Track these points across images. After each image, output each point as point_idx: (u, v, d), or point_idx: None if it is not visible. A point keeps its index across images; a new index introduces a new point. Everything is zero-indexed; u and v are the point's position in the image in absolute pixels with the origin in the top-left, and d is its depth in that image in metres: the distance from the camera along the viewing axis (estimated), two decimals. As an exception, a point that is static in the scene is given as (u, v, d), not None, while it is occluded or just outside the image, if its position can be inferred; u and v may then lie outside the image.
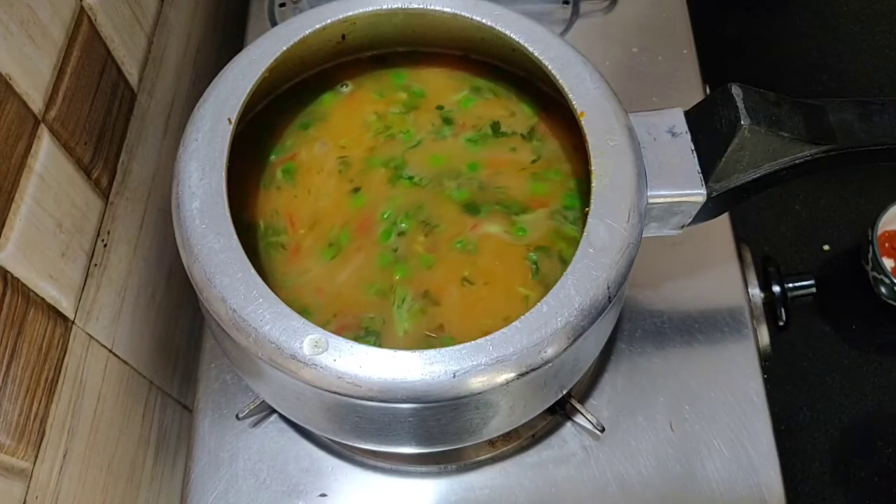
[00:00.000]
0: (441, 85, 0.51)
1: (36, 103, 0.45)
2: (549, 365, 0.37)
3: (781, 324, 0.61)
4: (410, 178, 0.47)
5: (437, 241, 0.45)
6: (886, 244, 1.05)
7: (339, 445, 0.53)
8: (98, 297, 0.51)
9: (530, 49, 0.45)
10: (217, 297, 0.38)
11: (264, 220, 0.46)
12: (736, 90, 0.42)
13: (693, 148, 0.44)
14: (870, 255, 1.04)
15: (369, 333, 0.42)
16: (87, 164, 0.50)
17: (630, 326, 0.57)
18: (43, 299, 0.44)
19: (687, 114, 0.45)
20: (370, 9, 0.46)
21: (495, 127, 0.49)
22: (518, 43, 0.45)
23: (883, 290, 1.05)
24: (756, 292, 0.59)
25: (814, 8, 1.35)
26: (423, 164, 0.48)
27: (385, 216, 0.45)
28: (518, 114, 0.50)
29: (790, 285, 0.62)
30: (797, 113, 0.43)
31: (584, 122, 0.42)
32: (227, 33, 0.79)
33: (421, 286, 0.43)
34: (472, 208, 0.46)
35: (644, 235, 0.42)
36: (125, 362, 0.54)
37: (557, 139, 0.49)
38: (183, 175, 0.41)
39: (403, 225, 0.45)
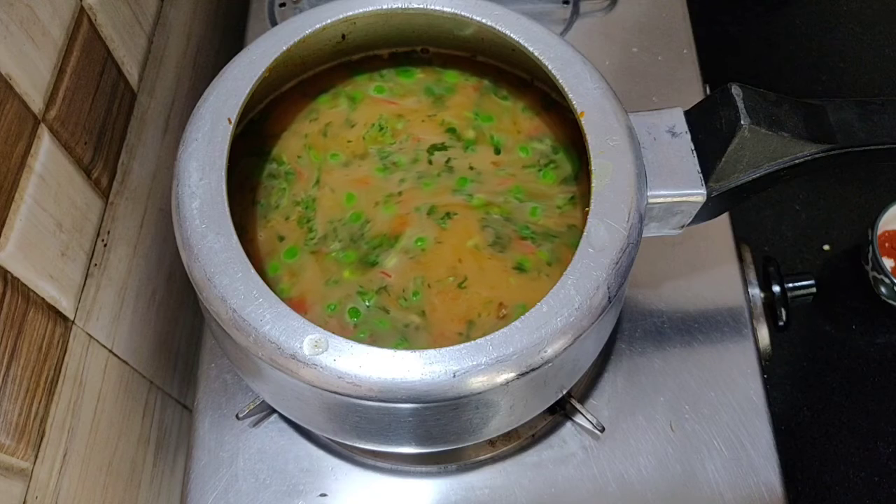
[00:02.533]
0: (510, 122, 0.50)
1: (36, 103, 0.45)
2: (549, 365, 0.37)
3: (781, 324, 0.61)
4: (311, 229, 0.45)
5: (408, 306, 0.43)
6: (886, 244, 1.05)
7: (339, 445, 0.53)
8: (98, 296, 0.51)
9: (530, 49, 0.45)
10: (217, 297, 0.38)
11: (287, 154, 0.47)
12: (736, 90, 0.42)
13: (693, 148, 0.44)
14: (870, 255, 1.04)
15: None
16: (87, 163, 0.50)
17: (630, 326, 0.57)
18: (43, 299, 0.44)
19: (687, 114, 0.45)
20: (370, 9, 0.46)
21: (431, 149, 0.47)
22: (518, 43, 0.45)
23: (883, 290, 1.05)
24: (756, 292, 0.59)
25: (814, 8, 1.35)
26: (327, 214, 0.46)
27: (330, 308, 0.43)
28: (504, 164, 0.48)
29: (790, 285, 0.62)
30: (797, 113, 0.43)
31: (584, 122, 0.42)
32: (227, 33, 0.79)
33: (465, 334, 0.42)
34: (367, 263, 0.44)
35: (644, 235, 0.42)
36: (125, 362, 0.54)
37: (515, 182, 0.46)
38: (183, 175, 0.41)
39: (368, 304, 0.43)
